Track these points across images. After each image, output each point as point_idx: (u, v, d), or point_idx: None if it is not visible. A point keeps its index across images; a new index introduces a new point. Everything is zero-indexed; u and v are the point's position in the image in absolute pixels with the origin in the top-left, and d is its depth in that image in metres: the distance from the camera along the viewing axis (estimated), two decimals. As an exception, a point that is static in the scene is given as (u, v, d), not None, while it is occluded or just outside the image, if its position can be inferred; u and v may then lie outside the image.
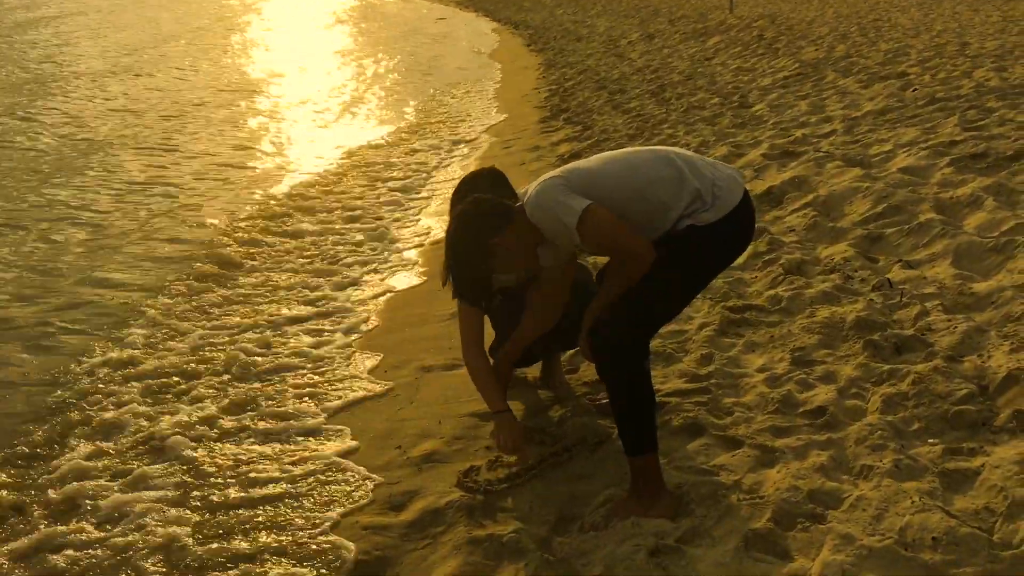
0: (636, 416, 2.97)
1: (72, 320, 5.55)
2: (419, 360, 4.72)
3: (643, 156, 3.11)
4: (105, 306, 5.81)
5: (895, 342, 3.92)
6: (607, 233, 2.93)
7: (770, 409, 3.57)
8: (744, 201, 3.07)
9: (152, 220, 7.79)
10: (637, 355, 2.98)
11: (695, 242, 2.99)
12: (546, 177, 3.04)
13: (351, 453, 3.81)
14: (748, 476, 3.14)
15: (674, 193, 2.99)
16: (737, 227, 3.07)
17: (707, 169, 3.09)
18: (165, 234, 7.37)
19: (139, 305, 5.77)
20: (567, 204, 2.90)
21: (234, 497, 3.51)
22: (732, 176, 3.12)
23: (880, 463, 3.07)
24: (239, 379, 4.67)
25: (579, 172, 3.04)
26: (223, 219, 7.78)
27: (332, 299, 5.92)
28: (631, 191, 2.99)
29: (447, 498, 3.28)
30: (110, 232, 7.43)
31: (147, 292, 6.02)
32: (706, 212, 2.99)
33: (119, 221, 7.75)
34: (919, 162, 6.49)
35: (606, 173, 3.03)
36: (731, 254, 3.17)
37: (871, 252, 5.16)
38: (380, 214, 8.09)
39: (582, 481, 3.28)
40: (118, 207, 8.19)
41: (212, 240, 7.17)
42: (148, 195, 8.64)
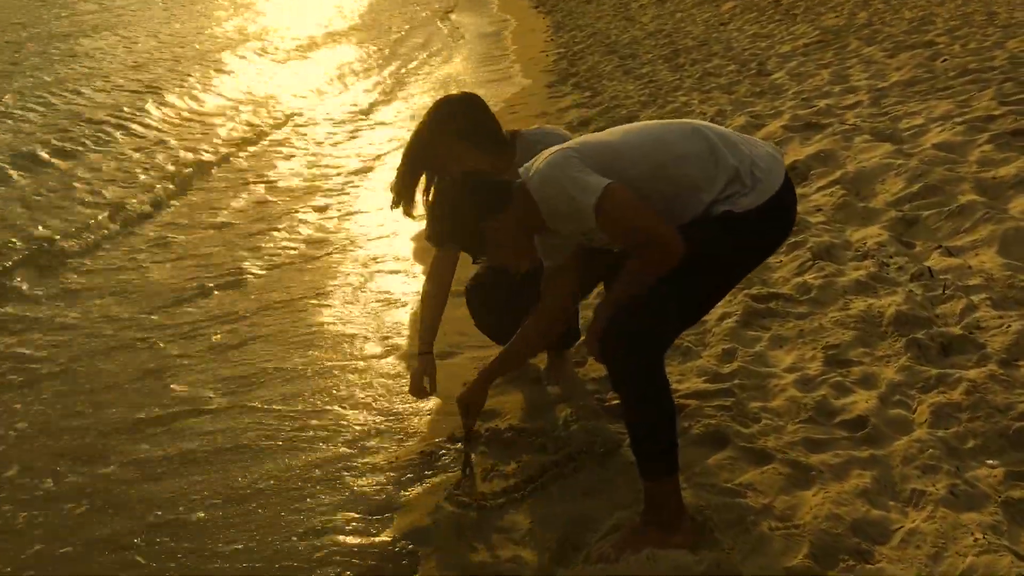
0: (653, 434, 2.55)
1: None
2: (408, 347, 4.31)
3: (671, 128, 2.67)
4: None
5: (942, 342, 3.49)
6: (630, 218, 2.49)
7: (803, 417, 3.16)
8: (786, 185, 2.64)
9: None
10: (655, 362, 2.55)
11: (731, 232, 2.55)
12: (556, 149, 2.59)
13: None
14: (780, 499, 2.74)
15: (707, 173, 2.55)
16: (779, 216, 2.64)
17: (745, 146, 2.65)
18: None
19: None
20: (583, 182, 2.46)
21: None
22: (772, 155, 2.68)
23: (933, 488, 2.67)
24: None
25: (595, 144, 2.60)
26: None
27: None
28: (656, 168, 2.55)
29: (436, 514, 2.88)
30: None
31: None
32: (744, 197, 2.55)
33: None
34: (955, 138, 6.01)
35: (627, 146, 2.59)
36: (770, 247, 2.75)
37: (907, 236, 4.72)
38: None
39: (588, 499, 2.88)
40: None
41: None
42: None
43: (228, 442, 3.55)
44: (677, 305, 2.56)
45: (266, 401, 3.89)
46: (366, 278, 5.52)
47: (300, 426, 3.64)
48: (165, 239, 6.60)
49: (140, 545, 2.92)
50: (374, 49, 17.10)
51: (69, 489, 3.29)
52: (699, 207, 2.55)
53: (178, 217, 7.26)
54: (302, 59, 16.10)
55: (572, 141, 2.64)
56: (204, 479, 3.29)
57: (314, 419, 3.69)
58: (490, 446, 3.26)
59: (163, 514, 3.09)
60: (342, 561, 2.71)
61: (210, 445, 3.55)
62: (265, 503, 3.09)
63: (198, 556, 2.83)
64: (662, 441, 2.55)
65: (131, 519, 3.08)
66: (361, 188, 7.88)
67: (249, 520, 3.00)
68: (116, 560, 2.86)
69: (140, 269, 5.94)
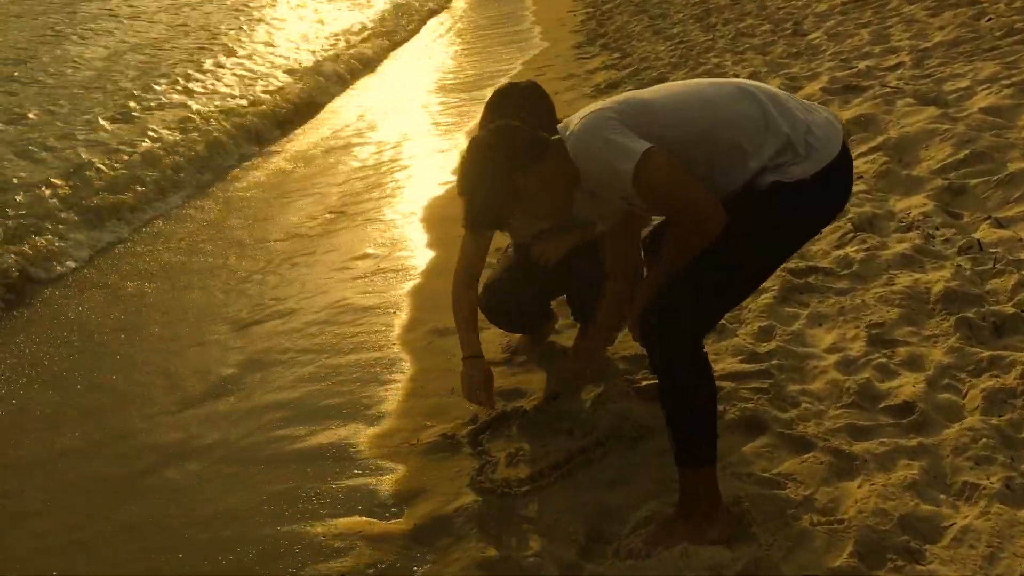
0: (692, 419, 2.40)
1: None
2: (432, 321, 4.16)
3: (719, 88, 2.45)
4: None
5: (994, 321, 3.29)
6: (669, 186, 2.31)
7: (845, 402, 2.98)
8: (843, 154, 2.43)
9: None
10: (697, 345, 2.39)
11: (780, 203, 2.35)
12: (594, 108, 2.40)
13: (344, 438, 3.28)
14: (822, 490, 2.58)
15: (758, 138, 2.35)
16: (833, 186, 2.44)
17: (800, 111, 2.44)
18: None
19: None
20: (622, 145, 2.28)
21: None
22: (830, 121, 2.47)
23: (987, 481, 2.49)
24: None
25: (636, 104, 2.40)
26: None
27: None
28: (701, 132, 2.35)
29: (457, 502, 2.75)
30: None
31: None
32: (796, 165, 2.35)
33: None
34: (1003, 101, 5.72)
35: (671, 107, 2.39)
36: (822, 220, 2.54)
37: (953, 206, 4.48)
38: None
39: (618, 488, 2.73)
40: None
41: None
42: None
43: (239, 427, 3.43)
44: (721, 284, 2.39)
45: (283, 380, 3.77)
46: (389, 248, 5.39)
47: (317, 406, 3.51)
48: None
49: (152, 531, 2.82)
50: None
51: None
52: (746, 175, 2.36)
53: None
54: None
55: (611, 100, 2.44)
56: (211, 465, 3.18)
57: (331, 398, 3.56)
58: (514, 429, 3.12)
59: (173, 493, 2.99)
60: (358, 551, 2.59)
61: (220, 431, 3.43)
62: (278, 488, 2.97)
63: (209, 542, 2.72)
64: (701, 428, 2.40)
65: (146, 505, 2.98)
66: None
67: (261, 505, 2.88)
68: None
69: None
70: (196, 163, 7.75)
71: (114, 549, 2.76)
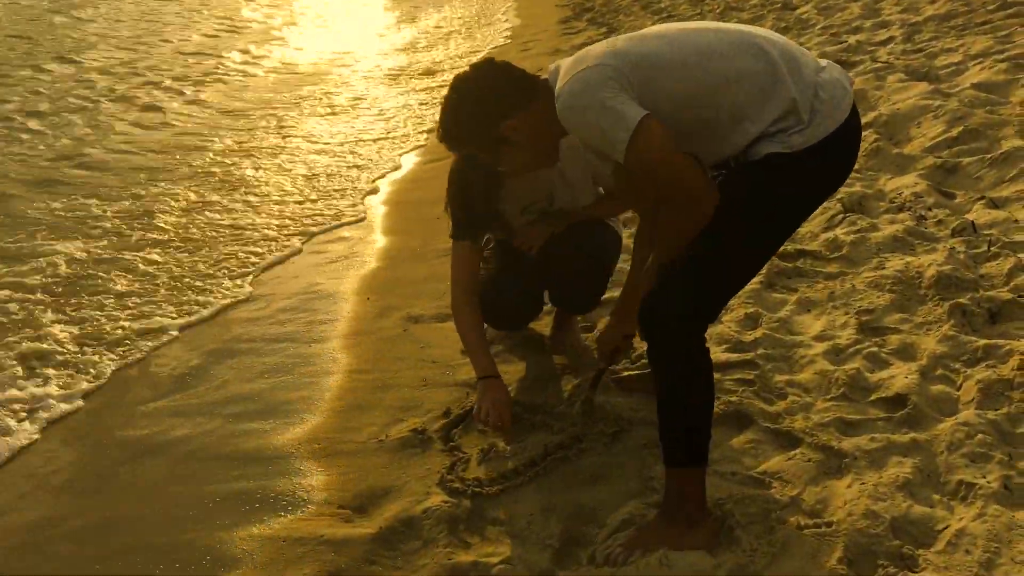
0: (687, 416, 2.25)
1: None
2: (407, 306, 4.01)
3: (724, 37, 2.21)
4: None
5: (989, 307, 3.16)
6: (664, 162, 2.13)
7: (834, 394, 2.84)
8: (850, 120, 2.23)
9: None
10: (696, 335, 2.23)
11: (779, 178, 2.17)
12: (590, 63, 2.17)
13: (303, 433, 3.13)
14: (809, 490, 2.45)
15: (760, 100, 2.15)
16: (837, 156, 2.25)
17: (810, 69, 2.21)
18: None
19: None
20: (618, 111, 2.08)
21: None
22: (839, 82, 2.25)
23: (983, 480, 2.36)
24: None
25: (632, 55, 2.16)
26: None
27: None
28: (702, 89, 2.15)
29: (426, 502, 2.60)
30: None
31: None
32: (798, 133, 2.15)
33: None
34: (996, 77, 5.56)
35: (673, 59, 2.16)
36: (824, 194, 2.36)
37: (946, 186, 4.34)
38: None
39: (596, 486, 2.59)
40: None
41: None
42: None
43: (205, 422, 3.28)
44: (719, 269, 2.23)
45: (250, 371, 3.61)
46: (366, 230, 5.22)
47: (283, 398, 3.35)
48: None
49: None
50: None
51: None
52: (743, 139, 2.18)
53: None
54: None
55: (604, 47, 2.21)
56: (175, 462, 3.02)
57: (298, 390, 3.40)
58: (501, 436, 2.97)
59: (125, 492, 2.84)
60: (318, 556, 2.43)
61: (186, 426, 3.27)
62: (238, 487, 2.82)
63: (167, 545, 2.57)
64: (695, 427, 2.26)
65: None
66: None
67: (221, 506, 2.73)
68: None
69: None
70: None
71: (74, 550, 2.60)
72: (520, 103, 2.35)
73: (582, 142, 2.27)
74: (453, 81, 2.46)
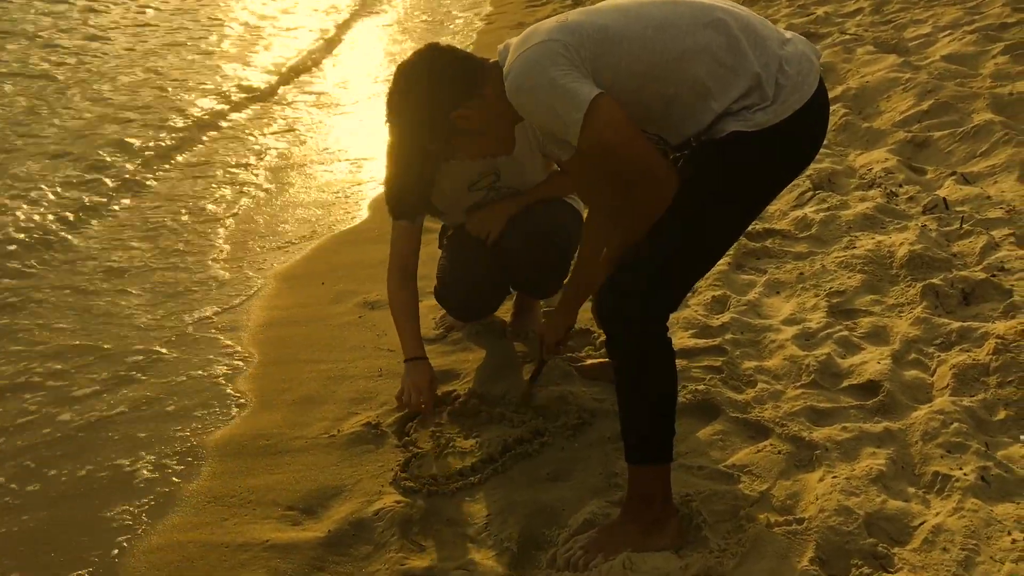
0: (649, 412, 2.13)
1: None
2: (363, 291, 3.84)
3: (683, 10, 2.06)
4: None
5: (962, 288, 3.06)
6: (621, 143, 1.99)
7: (804, 381, 2.74)
8: (817, 96, 2.09)
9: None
10: (657, 325, 2.10)
11: (743, 157, 2.04)
12: (534, 38, 2.03)
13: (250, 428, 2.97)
14: (779, 484, 2.34)
15: (722, 76, 2.02)
16: (804, 135, 2.12)
17: (773, 42, 2.08)
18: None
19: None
20: (570, 90, 1.95)
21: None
22: (805, 55, 2.11)
23: (960, 472, 2.26)
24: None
25: (585, 29, 2.02)
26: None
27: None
28: (659, 64, 2.01)
29: (378, 503, 2.46)
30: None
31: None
32: (762, 111, 2.02)
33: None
34: (966, 48, 5.48)
35: (628, 32, 2.02)
36: (792, 172, 2.22)
37: (917, 161, 4.25)
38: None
39: (557, 484, 2.46)
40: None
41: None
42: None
43: (149, 416, 3.11)
44: (680, 255, 2.10)
45: (199, 360, 3.44)
46: (324, 210, 5.04)
47: (231, 391, 3.19)
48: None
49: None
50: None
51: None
52: (705, 117, 2.05)
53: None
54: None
55: (555, 23, 2.06)
56: (111, 461, 2.86)
57: (248, 382, 3.24)
58: (444, 416, 2.83)
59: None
60: (262, 563, 2.28)
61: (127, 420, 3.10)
62: (167, 489, 2.66)
63: (101, 552, 2.41)
64: (658, 423, 2.14)
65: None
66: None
67: (146, 511, 2.57)
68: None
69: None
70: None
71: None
72: (469, 90, 2.20)
73: (536, 126, 2.12)
74: (395, 72, 2.29)
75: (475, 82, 2.22)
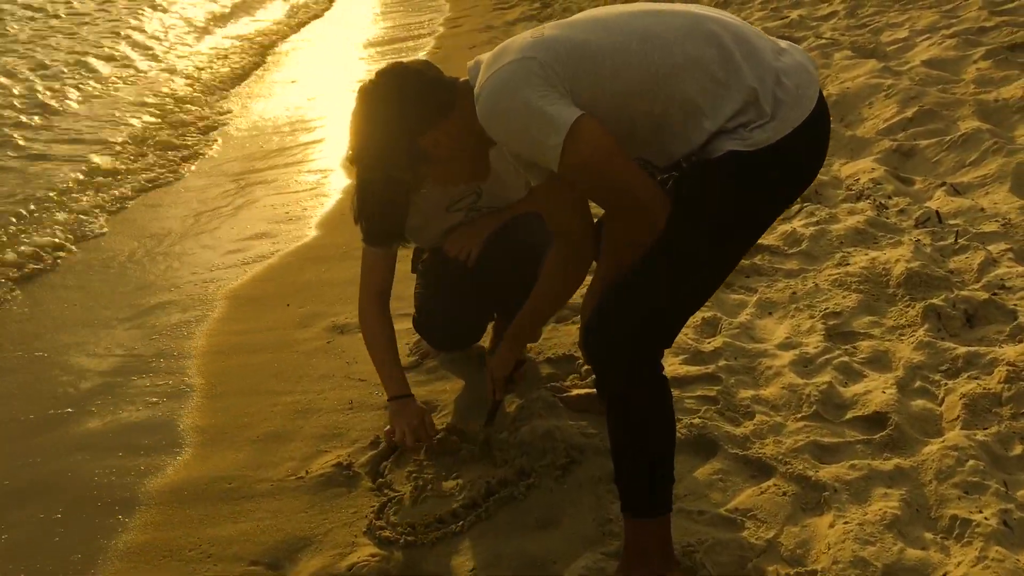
0: (646, 459, 1.95)
1: None
2: (332, 314, 3.62)
3: (669, 20, 1.89)
4: None
5: (965, 309, 2.91)
6: (606, 169, 1.82)
7: (806, 412, 2.57)
8: (817, 110, 1.92)
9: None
10: (650, 366, 1.92)
11: (740, 180, 1.86)
12: (506, 55, 1.86)
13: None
14: (787, 531, 2.16)
15: (714, 92, 1.84)
16: (805, 154, 1.95)
17: (768, 53, 1.91)
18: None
19: None
20: (547, 113, 1.78)
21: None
22: (803, 67, 1.94)
23: (980, 516, 2.10)
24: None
25: (561, 45, 1.85)
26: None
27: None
28: (645, 82, 1.84)
29: (352, 556, 2.25)
30: None
31: None
32: (760, 129, 1.84)
33: None
34: (946, 53, 5.37)
35: (608, 48, 1.84)
36: (792, 195, 2.05)
37: (904, 171, 4.11)
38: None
39: (547, 532, 2.26)
40: None
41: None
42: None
43: (98, 457, 2.87)
44: (675, 287, 1.91)
45: (149, 395, 3.21)
46: (290, 224, 4.81)
47: (186, 427, 2.96)
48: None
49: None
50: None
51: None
52: (698, 136, 1.87)
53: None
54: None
55: (530, 38, 1.88)
56: (62, 508, 2.63)
57: (206, 417, 3.01)
58: (422, 454, 2.62)
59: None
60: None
61: (73, 463, 2.87)
62: (135, 539, 2.43)
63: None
64: (656, 471, 1.96)
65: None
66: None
67: (113, 559, 2.35)
68: None
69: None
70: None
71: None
72: (438, 113, 2.01)
73: (510, 153, 1.92)
74: (359, 94, 2.09)
75: (444, 103, 2.02)
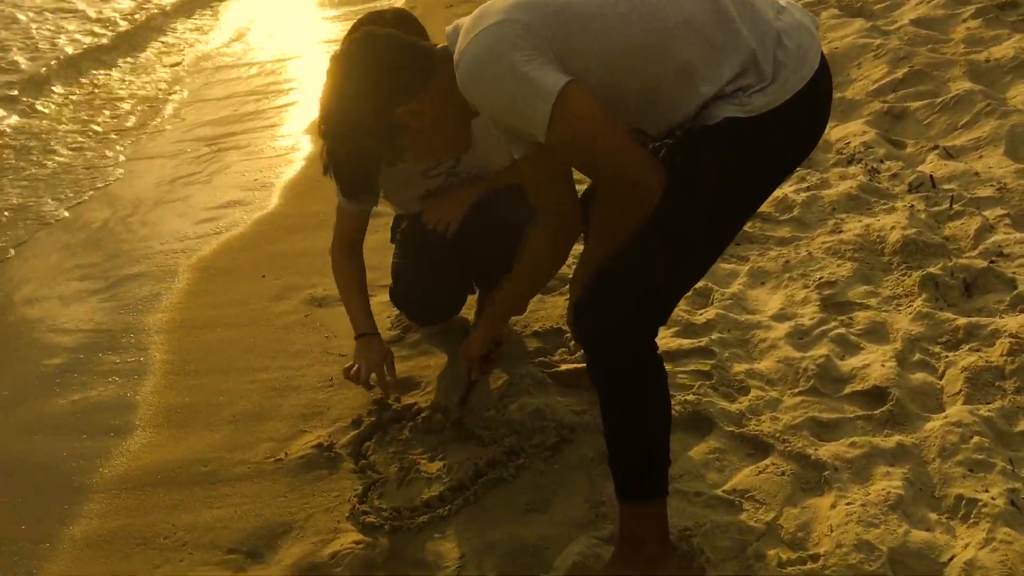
0: (639, 441, 1.86)
1: None
2: (309, 285, 3.50)
3: None
4: None
5: (964, 278, 2.83)
6: (597, 139, 1.71)
7: (803, 387, 2.49)
8: (820, 71, 1.82)
9: None
10: (645, 345, 1.82)
11: (739, 148, 1.76)
12: (488, 17, 1.73)
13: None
14: (787, 513, 2.09)
15: (711, 54, 1.73)
16: (808, 119, 1.85)
17: (768, 10, 1.80)
18: None
19: None
20: (534, 79, 1.66)
21: None
22: (804, 26, 1.83)
23: (986, 495, 2.04)
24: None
25: (547, 6, 1.71)
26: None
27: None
28: (640, 46, 1.72)
29: (334, 543, 2.16)
30: None
31: None
32: (760, 92, 1.74)
33: None
34: (934, 11, 5.25)
35: (596, 11, 1.72)
36: (793, 164, 1.94)
37: (895, 134, 4.02)
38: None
39: (538, 516, 2.18)
40: None
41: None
42: None
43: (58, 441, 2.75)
44: (669, 263, 1.81)
45: (119, 372, 3.08)
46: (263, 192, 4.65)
47: (156, 407, 2.85)
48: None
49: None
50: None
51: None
52: (693, 102, 1.76)
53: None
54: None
55: (515, 0, 1.74)
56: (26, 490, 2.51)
57: (176, 395, 2.89)
58: (406, 433, 2.53)
59: None
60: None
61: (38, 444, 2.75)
62: (107, 524, 2.33)
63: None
64: (650, 452, 1.87)
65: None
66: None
67: (83, 547, 2.25)
68: None
69: None
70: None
71: None
72: (415, 82, 1.88)
73: (493, 122, 1.79)
74: (330, 63, 1.95)
75: (422, 72, 1.89)
